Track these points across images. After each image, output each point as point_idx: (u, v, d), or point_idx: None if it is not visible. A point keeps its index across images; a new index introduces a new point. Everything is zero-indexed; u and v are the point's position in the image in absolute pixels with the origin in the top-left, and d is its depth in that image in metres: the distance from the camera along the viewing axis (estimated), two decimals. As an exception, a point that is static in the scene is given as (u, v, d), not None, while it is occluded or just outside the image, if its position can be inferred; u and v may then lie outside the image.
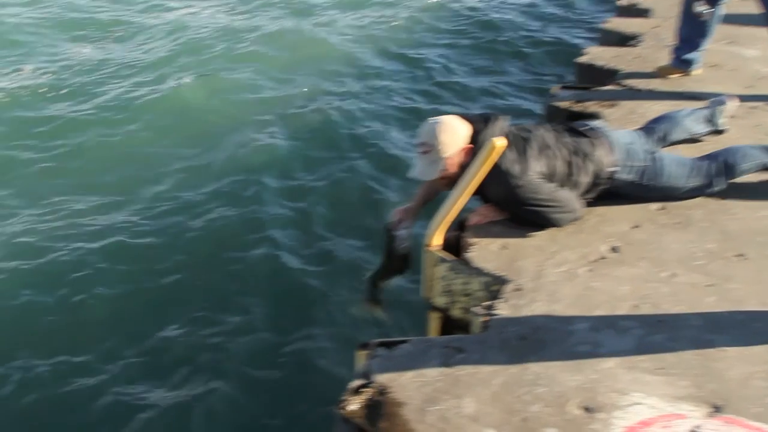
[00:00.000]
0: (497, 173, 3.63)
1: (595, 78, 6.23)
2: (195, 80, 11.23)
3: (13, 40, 12.90)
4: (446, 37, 13.31)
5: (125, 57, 12.31)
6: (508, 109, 10.36)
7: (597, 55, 6.61)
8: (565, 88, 5.87)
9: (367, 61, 12.29)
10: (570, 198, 3.82)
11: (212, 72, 11.65)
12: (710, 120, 4.74)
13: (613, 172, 3.96)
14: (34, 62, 12.01)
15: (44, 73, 11.55)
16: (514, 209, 3.85)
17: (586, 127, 4.08)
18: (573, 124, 4.21)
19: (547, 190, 3.73)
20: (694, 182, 4.09)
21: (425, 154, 3.82)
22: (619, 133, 4.16)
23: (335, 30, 13.56)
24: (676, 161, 4.10)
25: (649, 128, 4.46)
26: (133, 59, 12.22)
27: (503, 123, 3.89)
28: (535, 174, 3.74)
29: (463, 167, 3.72)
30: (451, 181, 3.76)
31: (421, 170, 3.86)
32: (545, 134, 3.95)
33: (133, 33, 13.53)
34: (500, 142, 3.17)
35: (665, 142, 4.44)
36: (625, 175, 4.00)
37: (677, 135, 4.52)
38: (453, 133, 3.77)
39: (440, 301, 3.73)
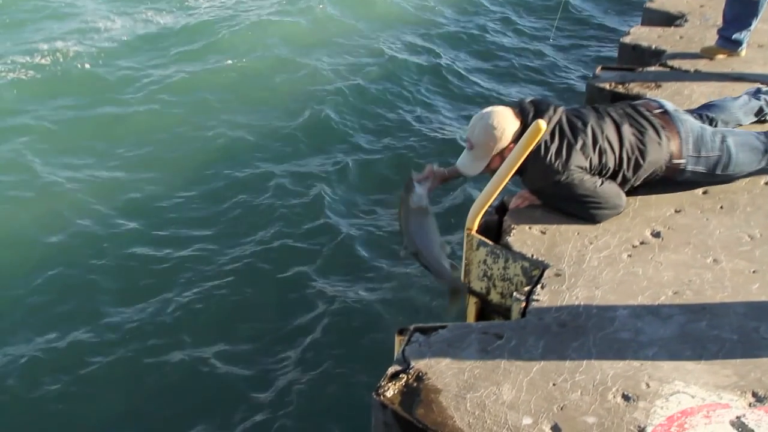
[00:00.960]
0: (538, 164, 3.57)
1: (638, 59, 6.13)
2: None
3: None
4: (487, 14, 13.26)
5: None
6: (551, 89, 10.33)
7: (641, 35, 6.50)
8: (606, 69, 5.78)
9: (412, 40, 12.33)
10: (613, 194, 3.71)
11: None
12: (761, 112, 4.61)
13: (678, 165, 3.87)
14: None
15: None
16: (552, 201, 3.80)
17: (657, 110, 3.99)
18: (643, 105, 4.08)
19: (590, 185, 3.64)
20: (764, 164, 4.01)
21: (470, 150, 3.78)
22: (691, 119, 4.03)
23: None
24: (747, 146, 3.96)
25: (702, 115, 4.32)
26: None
27: (556, 111, 3.77)
28: (576, 168, 3.65)
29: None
30: (494, 169, 3.72)
31: (465, 164, 3.83)
32: (602, 124, 3.79)
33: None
34: (543, 124, 3.12)
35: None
36: (692, 167, 3.89)
37: (727, 124, 4.39)
38: (499, 132, 3.67)
39: (479, 285, 3.70)
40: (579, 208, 3.71)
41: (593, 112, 3.92)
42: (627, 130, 3.83)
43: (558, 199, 3.74)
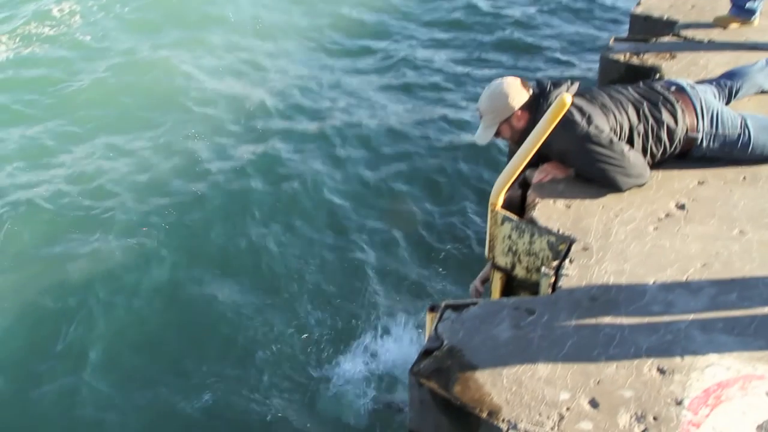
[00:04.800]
0: (564, 123, 3.55)
1: (650, 29, 6.07)
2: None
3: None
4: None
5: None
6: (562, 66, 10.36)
7: (652, 5, 6.43)
8: (619, 40, 5.74)
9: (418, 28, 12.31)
10: (639, 162, 3.72)
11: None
12: None
13: (695, 139, 3.87)
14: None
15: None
16: (578, 162, 3.78)
17: (673, 87, 3.99)
18: (658, 83, 4.11)
19: (618, 148, 3.65)
20: None
21: (481, 119, 3.94)
22: (708, 95, 4.05)
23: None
24: (766, 129, 3.95)
25: (721, 83, 4.33)
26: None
27: (573, 84, 3.87)
28: (602, 127, 3.69)
29: (525, 131, 3.69)
30: (518, 140, 3.73)
31: (477, 134, 4.00)
32: (618, 98, 3.89)
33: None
34: (569, 99, 3.11)
35: (735, 97, 4.33)
36: (709, 143, 3.89)
37: (747, 90, 4.41)
38: (504, 98, 3.83)
39: (503, 260, 3.69)
40: (605, 173, 3.69)
41: (607, 89, 4.02)
42: (642, 103, 3.88)
43: (585, 161, 3.73)
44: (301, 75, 10.60)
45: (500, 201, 3.56)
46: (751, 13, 5.78)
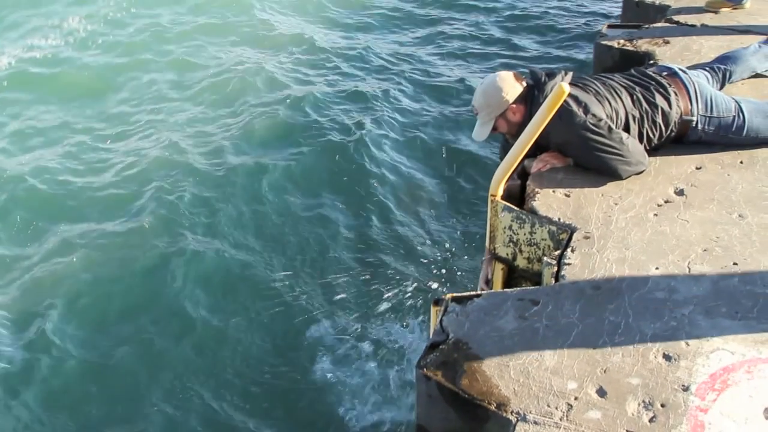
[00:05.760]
0: (561, 113, 3.56)
1: (643, 15, 6.11)
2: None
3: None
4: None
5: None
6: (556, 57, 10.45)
7: (644, -10, 6.46)
8: (612, 27, 5.76)
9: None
10: (637, 150, 3.74)
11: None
12: None
13: (690, 122, 3.88)
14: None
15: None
16: (578, 152, 3.79)
17: (665, 72, 4.01)
18: (650, 69, 4.14)
19: (616, 136, 3.66)
20: None
21: (477, 116, 3.95)
22: (701, 79, 4.08)
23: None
24: (762, 112, 3.96)
25: (714, 67, 4.36)
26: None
27: (567, 74, 3.87)
28: (598, 116, 3.69)
29: (522, 124, 3.70)
30: (515, 133, 3.74)
31: (475, 131, 3.99)
32: (611, 84, 3.91)
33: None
34: (567, 87, 3.11)
35: (729, 80, 4.35)
36: (704, 126, 3.92)
37: (741, 74, 4.43)
38: (497, 93, 3.83)
39: (504, 251, 3.70)
40: (605, 162, 3.70)
41: (599, 77, 4.04)
42: (635, 89, 3.91)
43: (584, 151, 3.73)
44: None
45: (500, 191, 3.56)
46: (742, -4, 5.81)
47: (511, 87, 3.84)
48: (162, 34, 12.12)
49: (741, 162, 3.85)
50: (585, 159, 3.76)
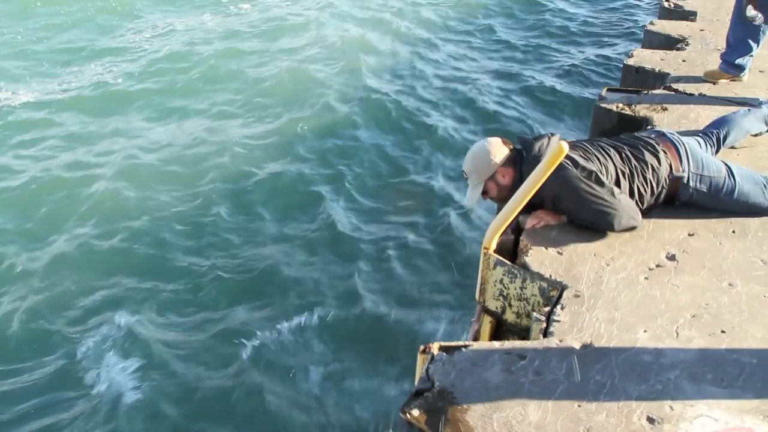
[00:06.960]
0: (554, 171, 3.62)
1: (642, 81, 6.19)
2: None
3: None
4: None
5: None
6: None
7: (644, 57, 6.56)
8: (612, 90, 5.83)
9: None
10: (630, 206, 3.78)
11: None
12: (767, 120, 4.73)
13: (680, 179, 3.93)
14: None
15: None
16: (570, 205, 3.82)
17: (654, 134, 4.08)
18: (638, 133, 4.23)
19: (608, 189, 3.72)
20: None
21: (467, 180, 4.07)
22: (691, 141, 4.15)
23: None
24: (750, 179, 4.03)
25: (708, 132, 4.43)
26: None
27: (554, 135, 3.97)
28: (591, 171, 3.75)
29: (511, 187, 3.81)
30: (505, 197, 3.78)
31: (467, 196, 4.11)
32: (599, 144, 4.02)
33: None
34: (566, 145, 3.15)
35: (725, 143, 4.42)
36: (695, 184, 3.96)
37: (736, 136, 4.52)
38: (485, 157, 3.95)
39: (494, 304, 3.70)
40: (597, 214, 3.73)
41: (585, 140, 4.16)
42: (623, 148, 4.00)
43: (576, 203, 3.76)
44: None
45: (493, 245, 3.58)
46: (741, 69, 5.90)
47: (499, 150, 3.96)
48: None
49: (733, 231, 3.88)
50: (577, 211, 3.79)
